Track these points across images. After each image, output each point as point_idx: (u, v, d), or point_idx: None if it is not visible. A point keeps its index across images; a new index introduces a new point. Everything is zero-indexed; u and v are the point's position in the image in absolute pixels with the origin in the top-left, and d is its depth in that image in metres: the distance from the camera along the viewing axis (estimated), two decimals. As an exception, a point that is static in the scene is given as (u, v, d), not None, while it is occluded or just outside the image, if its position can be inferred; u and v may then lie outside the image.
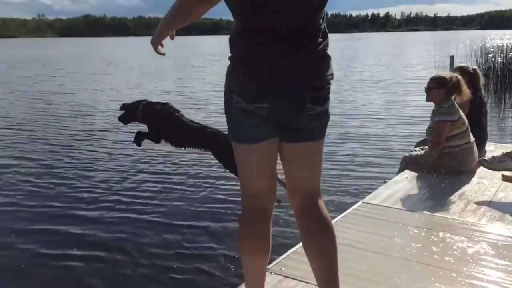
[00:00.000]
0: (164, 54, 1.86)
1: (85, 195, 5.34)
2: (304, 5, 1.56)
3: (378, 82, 16.25)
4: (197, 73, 21.77)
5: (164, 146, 3.20)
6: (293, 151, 1.75)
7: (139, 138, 2.58)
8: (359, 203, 3.59)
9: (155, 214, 4.74)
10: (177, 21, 1.72)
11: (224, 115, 1.79)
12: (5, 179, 5.90)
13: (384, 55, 34.26)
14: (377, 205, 3.52)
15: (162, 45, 1.86)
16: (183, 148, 2.98)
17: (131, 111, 2.71)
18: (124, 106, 2.80)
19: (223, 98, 1.78)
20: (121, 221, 4.59)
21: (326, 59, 1.67)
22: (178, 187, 5.55)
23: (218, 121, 9.30)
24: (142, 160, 6.64)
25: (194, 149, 2.99)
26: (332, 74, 1.69)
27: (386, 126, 8.81)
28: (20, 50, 54.68)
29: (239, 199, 4.90)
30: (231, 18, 1.72)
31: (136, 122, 2.95)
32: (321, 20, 1.64)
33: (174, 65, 27.40)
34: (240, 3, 1.59)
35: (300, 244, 2.81)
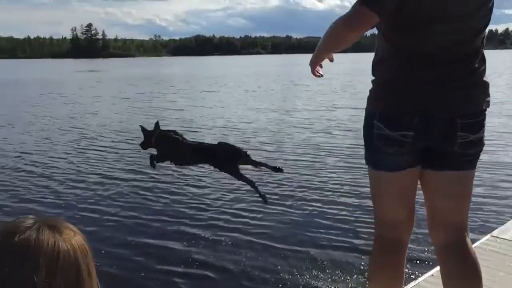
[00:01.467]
0: (322, 75, 1.83)
1: (191, 211, 5.44)
2: (461, 29, 1.44)
3: (500, 104, 14.89)
4: (300, 92, 21.79)
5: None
6: (439, 180, 1.61)
7: (151, 160, 2.99)
8: (487, 237, 3.26)
9: (257, 235, 4.67)
10: (329, 47, 1.71)
11: (330, 135, 1.69)
12: (120, 190, 6.24)
13: (505, 74, 31.64)
14: (509, 240, 3.16)
15: (321, 66, 1.83)
16: (186, 166, 3.47)
17: (148, 139, 3.12)
18: (143, 133, 3.14)
19: (328, 118, 1.66)
20: (224, 240, 4.58)
21: (482, 85, 1.53)
22: (279, 207, 5.45)
23: (323, 142, 9.15)
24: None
25: (195, 165, 3.40)
26: (488, 101, 1.55)
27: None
28: (137, 68, 59.30)
29: (345, 226, 4.69)
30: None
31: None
32: (479, 45, 1.50)
33: (279, 83, 27.79)
34: (391, 27, 1.50)
35: (423, 277, 2.61)
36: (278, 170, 2.73)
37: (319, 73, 1.83)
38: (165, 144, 3.13)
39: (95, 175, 7.03)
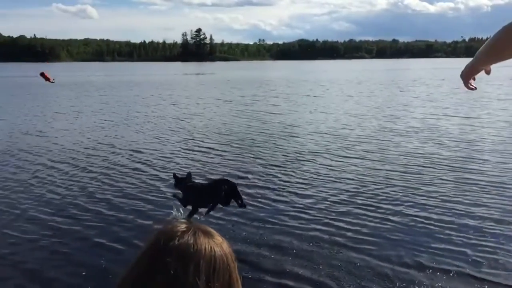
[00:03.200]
0: (475, 88, 1.62)
1: (288, 218, 5.35)
2: None
3: None
4: (407, 98, 20.74)
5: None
6: None
7: (175, 197, 4.56)
8: None
9: (358, 250, 4.45)
10: (494, 56, 1.48)
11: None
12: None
13: None
14: None
15: (474, 79, 1.62)
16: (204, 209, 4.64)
17: (179, 185, 4.62)
18: (174, 179, 4.73)
19: (437, 127, 1.41)
20: (322, 252, 4.43)
21: None
22: (380, 221, 5.19)
23: (431, 152, 8.55)
24: (346, 188, 6.43)
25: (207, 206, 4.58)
26: None
27: None
28: (240, 72, 60.92)
29: (455, 248, 4.27)
30: (448, 40, 1.40)
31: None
32: None
33: (384, 89, 26.79)
34: None
35: None
36: (242, 205, 4.53)
37: (472, 86, 1.60)
38: (191, 192, 4.47)
39: (198, 176, 7.19)
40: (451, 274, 3.90)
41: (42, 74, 11.29)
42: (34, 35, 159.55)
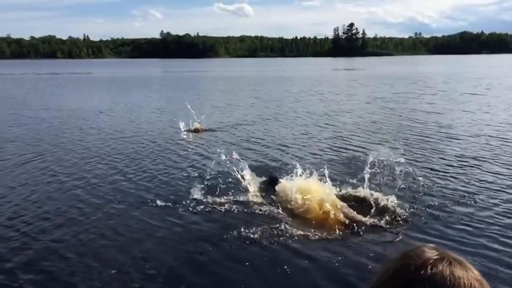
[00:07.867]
0: None
1: (436, 225, 4.86)
2: None
3: None
4: None
5: None
6: None
7: None
8: None
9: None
10: None
11: None
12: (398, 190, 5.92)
13: None
14: None
15: None
16: None
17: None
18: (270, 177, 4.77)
19: None
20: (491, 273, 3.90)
21: None
22: None
23: None
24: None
25: None
26: None
27: None
28: (393, 67, 58.30)
29: None
30: None
31: None
32: None
33: None
34: None
35: None
36: None
37: None
38: None
39: (348, 176, 6.89)
40: None
41: None
42: (197, 33, 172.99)
